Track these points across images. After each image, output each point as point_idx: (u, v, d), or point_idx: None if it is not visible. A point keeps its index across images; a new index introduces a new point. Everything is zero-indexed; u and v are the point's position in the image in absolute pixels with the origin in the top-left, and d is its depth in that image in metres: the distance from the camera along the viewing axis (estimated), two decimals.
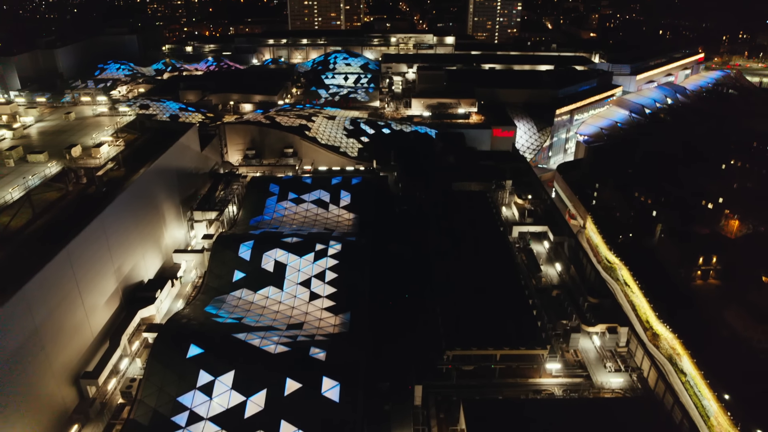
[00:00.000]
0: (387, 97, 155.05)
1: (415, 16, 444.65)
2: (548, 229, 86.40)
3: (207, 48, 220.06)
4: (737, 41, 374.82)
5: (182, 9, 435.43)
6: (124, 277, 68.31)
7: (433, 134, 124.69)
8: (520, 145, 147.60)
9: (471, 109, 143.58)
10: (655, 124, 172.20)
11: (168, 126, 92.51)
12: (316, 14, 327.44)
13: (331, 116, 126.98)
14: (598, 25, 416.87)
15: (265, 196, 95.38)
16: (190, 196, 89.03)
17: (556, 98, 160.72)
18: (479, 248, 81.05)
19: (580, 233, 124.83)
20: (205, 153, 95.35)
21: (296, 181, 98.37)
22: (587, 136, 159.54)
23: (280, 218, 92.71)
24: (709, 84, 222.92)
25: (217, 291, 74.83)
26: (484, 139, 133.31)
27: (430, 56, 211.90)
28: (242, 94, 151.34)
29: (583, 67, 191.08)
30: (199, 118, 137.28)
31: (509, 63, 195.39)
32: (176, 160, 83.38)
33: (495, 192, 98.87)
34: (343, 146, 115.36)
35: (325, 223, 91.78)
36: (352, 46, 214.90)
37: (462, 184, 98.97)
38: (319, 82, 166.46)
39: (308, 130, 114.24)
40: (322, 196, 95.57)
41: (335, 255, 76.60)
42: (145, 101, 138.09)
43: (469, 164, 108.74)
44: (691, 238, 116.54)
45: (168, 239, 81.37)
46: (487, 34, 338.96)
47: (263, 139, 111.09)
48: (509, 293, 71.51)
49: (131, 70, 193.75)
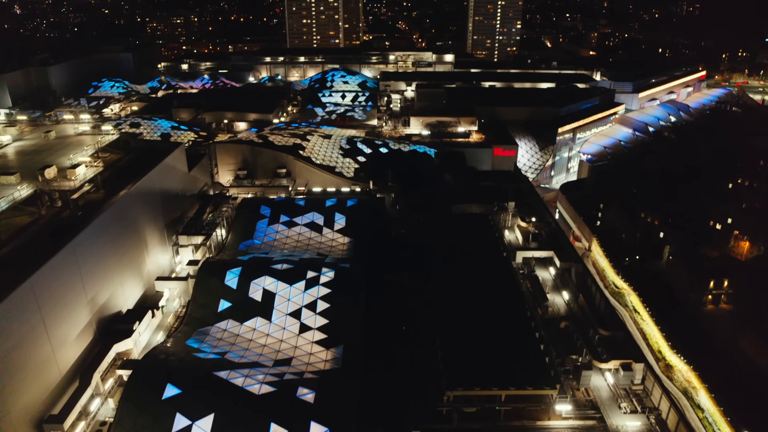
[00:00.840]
0: (385, 116, 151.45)
1: (414, 34, 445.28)
2: (554, 255, 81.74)
3: (203, 66, 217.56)
4: (737, 59, 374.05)
5: (181, 28, 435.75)
6: (98, 307, 63.41)
7: (433, 153, 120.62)
8: (522, 165, 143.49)
9: (471, 128, 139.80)
10: (659, 142, 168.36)
11: (154, 145, 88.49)
12: (314, 32, 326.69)
13: (327, 135, 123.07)
14: (597, 44, 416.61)
15: (255, 218, 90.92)
16: (175, 219, 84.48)
17: (558, 116, 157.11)
18: (481, 275, 76.25)
19: (586, 256, 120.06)
20: (193, 173, 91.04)
21: (289, 203, 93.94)
22: (590, 155, 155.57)
23: (271, 242, 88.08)
24: (712, 102, 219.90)
25: (201, 322, 69.92)
26: (484, 159, 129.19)
27: (429, 74, 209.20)
28: (237, 112, 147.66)
29: (584, 85, 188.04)
30: (192, 137, 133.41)
31: (509, 81, 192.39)
32: (161, 181, 78.98)
33: (497, 214, 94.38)
34: (338, 166, 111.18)
35: (319, 247, 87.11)
36: (350, 64, 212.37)
37: (462, 206, 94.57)
38: (316, 101, 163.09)
39: (302, 149, 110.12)
40: (315, 218, 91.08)
41: (328, 283, 71.83)
42: (136, 119, 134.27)
43: (469, 185, 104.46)
44: (701, 260, 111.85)
45: (150, 265, 76.59)
46: (486, 53, 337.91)
47: (255, 159, 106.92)
48: (514, 325, 66.52)
49: (125, 87, 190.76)
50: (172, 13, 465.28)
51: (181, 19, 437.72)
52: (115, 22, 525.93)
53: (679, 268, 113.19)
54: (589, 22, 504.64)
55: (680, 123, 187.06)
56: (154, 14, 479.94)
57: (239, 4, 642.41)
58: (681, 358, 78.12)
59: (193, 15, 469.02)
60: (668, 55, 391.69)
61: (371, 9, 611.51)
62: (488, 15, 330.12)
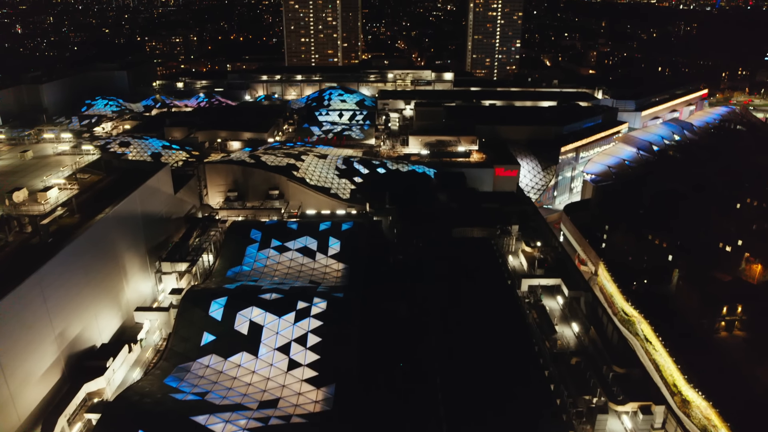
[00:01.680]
0: (383, 135, 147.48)
1: (414, 53, 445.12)
2: (562, 282, 76.67)
3: (199, 84, 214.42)
4: (737, 78, 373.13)
5: (180, 47, 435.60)
6: (68, 343, 58.17)
7: (432, 174, 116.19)
8: (524, 185, 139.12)
9: (471, 147, 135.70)
10: (664, 161, 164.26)
11: (138, 166, 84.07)
12: (313, 51, 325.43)
13: (323, 155, 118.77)
14: (597, 63, 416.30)
15: (245, 243, 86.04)
16: (159, 244, 79.56)
17: (560, 135, 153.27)
18: (485, 304, 71.06)
19: (592, 281, 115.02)
20: (179, 195, 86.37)
21: (280, 226, 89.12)
22: (594, 174, 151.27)
23: (261, 269, 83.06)
24: (716, 120, 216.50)
25: (182, 357, 64.58)
26: (485, 179, 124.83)
27: (428, 92, 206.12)
28: (230, 131, 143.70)
29: (586, 103, 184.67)
30: (183, 156, 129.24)
31: (510, 99, 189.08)
32: (143, 204, 74.27)
33: (500, 238, 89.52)
34: (334, 187, 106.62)
35: (312, 274, 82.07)
36: (348, 83, 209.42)
37: (463, 229, 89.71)
38: (313, 119, 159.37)
39: (296, 170, 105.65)
40: (308, 243, 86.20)
41: (319, 315, 66.68)
42: (126, 139, 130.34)
43: (470, 207, 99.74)
44: (712, 285, 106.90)
45: (130, 295, 71.48)
46: (485, 71, 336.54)
47: (247, 180, 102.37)
48: (521, 361, 61.15)
49: (119, 106, 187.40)
50: (172, 32, 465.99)
51: (180, 38, 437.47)
52: (115, 41, 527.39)
53: (689, 293, 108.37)
54: (587, 42, 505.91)
55: (684, 142, 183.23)
56: (154, 33, 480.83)
57: (239, 23, 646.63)
58: (699, 393, 72.75)
59: (192, 34, 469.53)
60: (668, 73, 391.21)
61: (370, 28, 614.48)
62: (487, 34, 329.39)
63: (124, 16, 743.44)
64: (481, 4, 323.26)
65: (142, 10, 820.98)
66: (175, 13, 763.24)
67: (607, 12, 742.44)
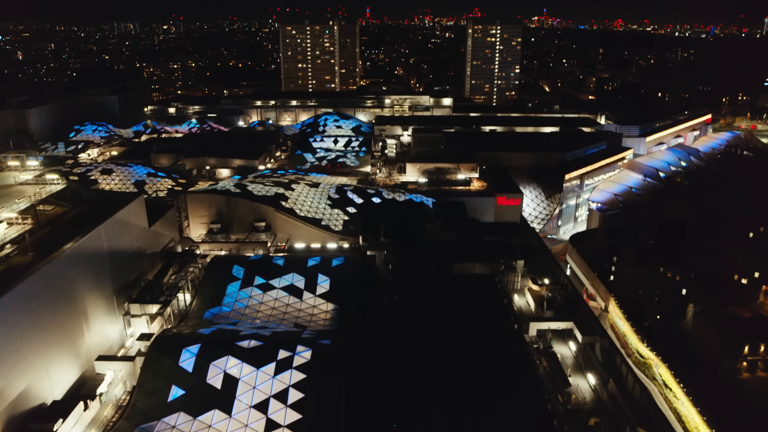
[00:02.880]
0: (379, 162, 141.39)
1: (412, 79, 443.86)
2: (574, 326, 69.11)
3: (191, 110, 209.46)
4: (737, 103, 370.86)
5: (178, 73, 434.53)
6: (10, 402, 50.47)
7: (430, 203, 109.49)
8: (528, 214, 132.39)
9: (472, 175, 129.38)
10: (672, 188, 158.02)
11: (108, 197, 77.41)
12: (310, 77, 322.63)
13: (315, 183, 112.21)
14: (596, 88, 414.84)
15: (226, 281, 78.68)
16: (129, 283, 72.19)
17: (564, 162, 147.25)
18: (489, 352, 63.42)
19: (602, 317, 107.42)
20: (155, 229, 79.35)
21: (265, 262, 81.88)
22: (600, 203, 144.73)
23: (242, 310, 75.52)
24: (721, 146, 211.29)
25: (146, 416, 56.60)
26: (487, 209, 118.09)
27: (426, 118, 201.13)
28: (220, 158, 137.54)
29: (589, 129, 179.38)
30: (169, 185, 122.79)
31: (511, 125, 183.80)
32: (110, 239, 67.22)
33: (504, 275, 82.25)
34: (325, 218, 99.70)
35: (297, 316, 74.51)
36: (344, 108, 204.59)
37: (464, 265, 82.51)
38: (306, 146, 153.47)
39: (285, 200, 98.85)
40: (295, 281, 78.86)
41: (303, 366, 58.95)
42: (109, 166, 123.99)
43: (471, 240, 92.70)
44: (731, 321, 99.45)
45: (92, 342, 63.81)
46: (485, 97, 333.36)
47: (231, 211, 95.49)
48: (531, 420, 53.37)
49: (108, 131, 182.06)
50: (170, 58, 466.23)
51: (178, 64, 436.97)
52: (114, 68, 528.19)
53: (706, 330, 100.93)
54: (585, 68, 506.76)
55: (691, 168, 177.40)
56: (153, 60, 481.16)
57: (238, 50, 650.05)
58: None
59: (190, 60, 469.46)
60: (667, 98, 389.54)
61: (369, 55, 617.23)
62: (486, 60, 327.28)
63: (125, 43, 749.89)
64: (480, 29, 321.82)
65: (144, 38, 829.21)
66: (176, 40, 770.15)
67: (604, 39, 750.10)
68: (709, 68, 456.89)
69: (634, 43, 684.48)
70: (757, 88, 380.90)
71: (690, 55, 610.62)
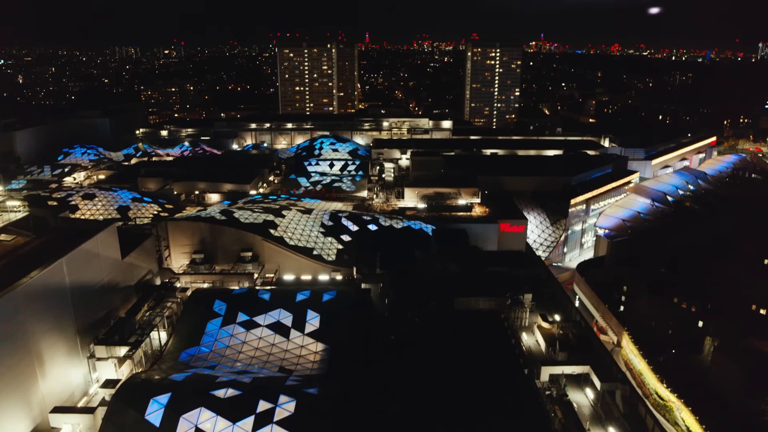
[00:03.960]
0: (376, 186, 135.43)
1: (411, 103, 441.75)
2: (591, 370, 61.97)
3: (184, 132, 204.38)
4: (739, 125, 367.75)
5: (176, 96, 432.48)
6: None
7: (430, 231, 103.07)
8: (532, 241, 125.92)
9: (473, 200, 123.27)
10: (681, 213, 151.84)
11: (77, 225, 71.11)
12: (308, 100, 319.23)
13: (307, 209, 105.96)
14: (596, 111, 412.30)
15: (206, 318, 71.74)
16: (96, 321, 65.29)
17: (569, 186, 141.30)
18: (497, 401, 56.28)
19: (615, 352, 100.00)
20: (129, 260, 72.73)
21: (250, 296, 75.04)
22: (608, 229, 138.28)
23: (223, 350, 68.45)
24: (728, 168, 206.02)
25: None
26: (489, 236, 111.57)
27: (425, 141, 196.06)
28: (210, 182, 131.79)
29: (594, 152, 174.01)
30: (155, 210, 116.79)
31: (512, 148, 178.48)
32: (74, 272, 60.55)
33: (510, 310, 75.34)
34: (317, 247, 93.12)
35: (283, 358, 67.43)
36: (341, 131, 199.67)
37: (467, 299, 75.61)
38: (301, 170, 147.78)
39: (274, 227, 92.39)
40: (282, 317, 71.94)
41: (285, 421, 51.78)
42: (92, 190, 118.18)
43: (475, 271, 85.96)
44: (753, 356, 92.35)
45: (48, 390, 56.60)
46: (484, 120, 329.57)
47: (216, 240, 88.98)
48: None
49: (98, 155, 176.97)
50: (169, 82, 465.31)
51: (176, 87, 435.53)
52: (113, 91, 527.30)
53: (726, 365, 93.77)
54: (584, 91, 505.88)
55: (699, 192, 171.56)
56: (151, 83, 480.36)
57: (238, 74, 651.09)
58: None
59: (189, 83, 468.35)
60: (668, 121, 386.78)
61: (368, 79, 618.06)
62: (486, 83, 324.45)
63: (125, 67, 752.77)
64: (479, 52, 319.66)
65: (144, 62, 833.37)
66: (176, 64, 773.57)
67: (602, 63, 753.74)
68: (709, 91, 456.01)
69: (632, 67, 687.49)
70: (759, 110, 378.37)
71: (688, 79, 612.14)
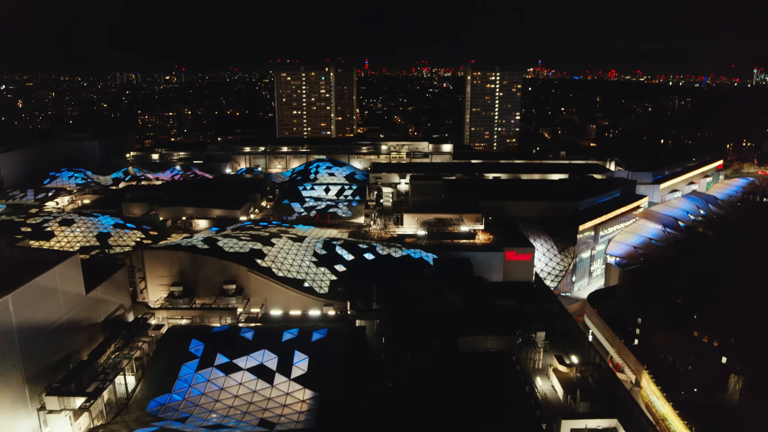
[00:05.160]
0: (374, 212, 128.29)
1: (410, 128, 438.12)
2: (619, 425, 53.83)
3: (176, 156, 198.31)
4: (742, 149, 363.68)
5: (173, 121, 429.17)
6: None
7: (431, 260, 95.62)
8: (539, 270, 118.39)
9: (476, 227, 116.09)
10: (694, 239, 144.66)
11: (38, 255, 63.64)
12: (305, 124, 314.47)
13: (299, 237, 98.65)
14: (597, 135, 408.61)
15: (181, 359, 63.92)
16: (52, 366, 57.35)
17: (576, 211, 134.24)
18: None
19: (634, 392, 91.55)
20: (96, 295, 65.13)
21: (231, 335, 67.28)
22: (619, 256, 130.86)
23: (197, 399, 60.37)
24: (738, 192, 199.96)
25: None
26: (494, 265, 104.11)
27: (425, 165, 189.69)
28: (198, 207, 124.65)
29: (600, 176, 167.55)
30: (138, 237, 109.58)
31: (515, 172, 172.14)
32: (23, 311, 52.97)
33: (522, 351, 67.40)
34: (309, 279, 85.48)
35: (265, 408, 59.32)
36: (338, 155, 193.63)
37: (474, 338, 67.73)
38: (295, 194, 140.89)
39: (262, 257, 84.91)
40: (266, 360, 64.10)
41: None
42: (71, 216, 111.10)
43: (480, 305, 78.16)
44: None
45: None
46: (485, 145, 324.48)
47: (197, 271, 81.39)
48: None
49: (85, 178, 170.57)
50: (167, 107, 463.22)
51: (174, 112, 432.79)
52: (111, 116, 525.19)
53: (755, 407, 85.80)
54: (584, 116, 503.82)
55: (711, 216, 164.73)
56: (150, 108, 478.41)
57: (237, 99, 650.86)
58: None
59: (186, 108, 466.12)
60: (670, 144, 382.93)
61: (367, 104, 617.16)
62: (486, 106, 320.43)
63: (125, 92, 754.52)
64: (479, 76, 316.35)
65: (145, 87, 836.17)
66: (176, 90, 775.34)
67: (600, 89, 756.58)
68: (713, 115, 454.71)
69: (631, 92, 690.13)
70: (761, 134, 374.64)
71: (687, 103, 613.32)
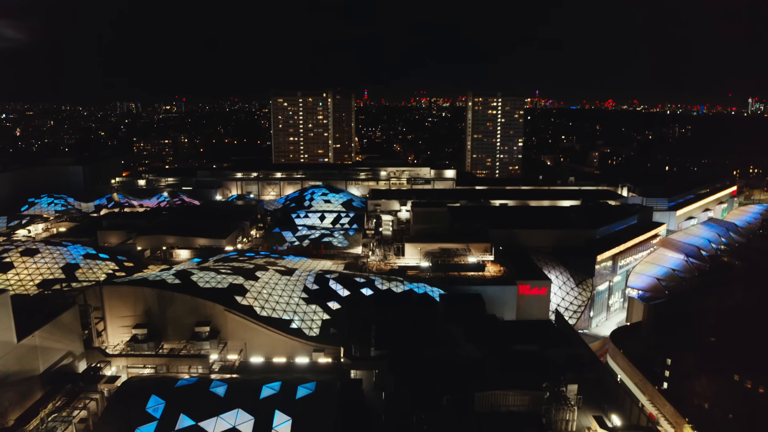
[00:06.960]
0: (372, 242, 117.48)
1: (410, 155, 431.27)
2: None
3: (164, 182, 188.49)
4: (749, 176, 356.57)
5: (169, 148, 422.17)
6: None
7: (437, 295, 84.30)
8: (555, 305, 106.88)
9: (485, 257, 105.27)
10: (720, 269, 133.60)
11: None
12: (302, 151, 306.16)
13: (289, 270, 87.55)
14: (600, 163, 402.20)
15: (135, 422, 52.06)
16: None
17: (593, 240, 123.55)
18: None
19: None
20: (31, 342, 53.72)
21: (199, 390, 55.53)
22: (642, 289, 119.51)
23: None
24: (756, 219, 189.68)
25: None
26: (507, 300, 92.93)
27: (427, 192, 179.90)
28: (181, 236, 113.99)
29: (615, 202, 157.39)
30: (111, 269, 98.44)
31: (523, 198, 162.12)
32: None
33: (551, 409, 55.60)
34: (297, 318, 74.05)
35: None
36: (335, 181, 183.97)
37: (492, 394, 56.01)
38: (287, 223, 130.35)
39: (242, 293, 73.67)
40: (240, 422, 52.23)
41: None
42: (35, 245, 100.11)
43: (497, 351, 66.55)
44: None
45: None
46: (487, 172, 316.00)
47: (165, 310, 70.05)
48: None
49: (66, 205, 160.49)
50: (163, 134, 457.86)
51: (170, 140, 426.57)
52: (108, 144, 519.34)
53: None
54: (585, 143, 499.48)
55: (733, 245, 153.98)
56: (147, 136, 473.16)
57: (235, 128, 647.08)
58: None
59: (183, 136, 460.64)
60: (675, 171, 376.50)
61: (366, 133, 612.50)
62: (488, 133, 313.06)
63: (124, 121, 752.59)
64: (480, 102, 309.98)
65: (144, 116, 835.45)
66: (175, 119, 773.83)
67: (599, 117, 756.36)
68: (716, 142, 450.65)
69: (630, 121, 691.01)
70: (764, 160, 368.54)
71: (687, 131, 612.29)
